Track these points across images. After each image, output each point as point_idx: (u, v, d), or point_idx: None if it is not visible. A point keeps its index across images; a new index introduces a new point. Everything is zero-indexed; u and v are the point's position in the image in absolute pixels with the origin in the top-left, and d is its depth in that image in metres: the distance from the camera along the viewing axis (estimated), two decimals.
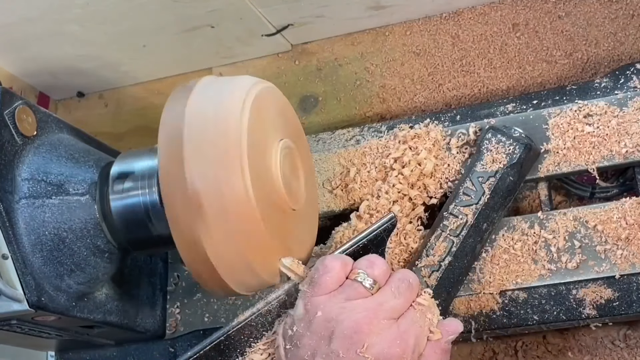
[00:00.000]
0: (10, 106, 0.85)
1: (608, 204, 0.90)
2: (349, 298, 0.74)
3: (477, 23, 1.12)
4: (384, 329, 0.73)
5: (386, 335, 0.73)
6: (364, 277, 0.75)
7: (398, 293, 0.75)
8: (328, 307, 0.74)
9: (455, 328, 0.77)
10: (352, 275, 0.76)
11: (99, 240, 0.87)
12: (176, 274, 1.07)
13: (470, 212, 0.91)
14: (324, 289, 0.75)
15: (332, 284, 0.75)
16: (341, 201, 1.01)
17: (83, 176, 0.87)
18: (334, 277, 0.76)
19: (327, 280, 0.75)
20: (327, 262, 0.77)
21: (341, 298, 0.75)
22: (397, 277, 0.77)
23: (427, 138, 0.97)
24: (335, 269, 0.76)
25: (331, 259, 0.77)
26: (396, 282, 0.76)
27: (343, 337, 0.72)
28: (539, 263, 0.90)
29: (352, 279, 0.76)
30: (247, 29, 1.15)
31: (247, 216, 0.77)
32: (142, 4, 1.06)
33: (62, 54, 1.18)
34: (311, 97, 1.19)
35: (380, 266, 0.77)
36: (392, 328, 0.73)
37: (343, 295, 0.75)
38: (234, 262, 0.79)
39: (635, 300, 0.86)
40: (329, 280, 0.75)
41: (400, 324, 0.74)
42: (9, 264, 0.81)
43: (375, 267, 0.77)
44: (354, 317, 0.73)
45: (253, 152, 0.78)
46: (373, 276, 0.76)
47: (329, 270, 0.76)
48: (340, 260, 0.77)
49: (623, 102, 0.92)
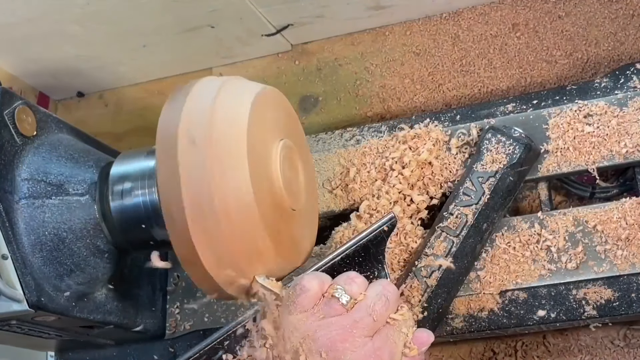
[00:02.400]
0: (10, 106, 0.85)
1: (608, 204, 0.90)
2: (325, 315, 0.75)
3: (477, 23, 1.12)
4: (358, 346, 0.74)
5: (360, 352, 0.73)
6: (341, 293, 0.76)
7: (374, 310, 0.75)
8: (305, 326, 0.74)
9: (426, 339, 0.78)
10: (330, 290, 0.76)
11: (99, 240, 0.87)
12: (176, 274, 1.07)
13: (470, 212, 0.90)
14: (300, 308, 0.75)
15: (308, 304, 0.75)
16: (341, 201, 1.01)
17: (83, 176, 0.87)
18: (311, 297, 0.76)
19: (303, 300, 0.75)
20: (304, 282, 0.76)
21: (317, 316, 0.75)
22: (375, 293, 0.76)
23: (427, 138, 0.97)
24: (312, 288, 0.76)
25: (309, 278, 0.77)
26: (373, 299, 0.76)
27: (318, 355, 0.73)
28: (539, 263, 0.90)
29: (329, 295, 0.76)
30: (247, 29, 1.15)
31: (247, 216, 0.77)
32: (142, 4, 1.06)
33: (62, 54, 1.18)
34: (311, 97, 1.19)
35: (358, 283, 0.77)
36: (366, 345, 0.74)
37: (319, 314, 0.75)
38: (233, 264, 0.79)
39: (635, 300, 0.86)
40: (306, 299, 0.75)
41: (375, 341, 0.75)
42: (8, 264, 0.81)
43: (353, 283, 0.77)
44: (329, 335, 0.73)
45: (253, 152, 0.78)
46: (350, 292, 0.76)
47: (306, 290, 0.76)
48: (317, 279, 0.77)
49: (623, 102, 0.92)
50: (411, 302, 0.89)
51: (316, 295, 0.76)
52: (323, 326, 0.74)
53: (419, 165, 0.96)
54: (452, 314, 0.92)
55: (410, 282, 0.90)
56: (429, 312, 0.89)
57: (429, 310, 0.89)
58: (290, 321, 0.75)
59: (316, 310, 0.75)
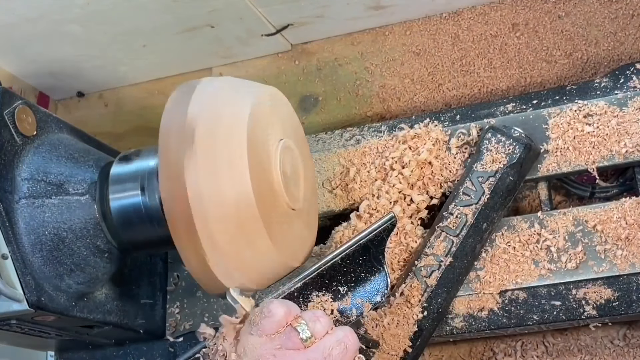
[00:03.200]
0: (10, 106, 0.85)
1: (608, 204, 0.90)
2: (282, 346, 0.74)
3: (477, 23, 1.12)
4: None
5: None
6: (304, 329, 0.74)
7: (330, 354, 0.74)
8: (260, 350, 0.74)
9: None
10: (294, 322, 0.75)
11: (99, 240, 0.87)
12: (176, 274, 1.07)
13: (470, 212, 0.91)
14: (262, 331, 0.75)
15: (269, 329, 0.75)
16: (341, 201, 1.01)
17: (83, 176, 0.87)
18: (274, 323, 0.75)
19: (266, 324, 0.75)
20: (272, 307, 0.75)
21: (275, 344, 0.74)
22: (335, 338, 0.75)
23: (427, 138, 0.97)
24: (277, 315, 0.75)
25: (277, 304, 0.76)
26: (332, 343, 0.75)
27: None
28: (539, 263, 0.90)
29: (291, 326, 0.75)
30: (247, 29, 1.15)
31: (247, 216, 0.77)
32: (142, 4, 1.06)
33: (62, 54, 1.18)
34: (311, 97, 1.19)
35: (322, 323, 0.76)
36: None
37: (277, 342, 0.74)
38: (234, 263, 0.79)
39: (635, 300, 0.86)
40: (268, 324, 0.75)
41: None
42: (8, 264, 0.81)
43: (317, 322, 0.75)
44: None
45: (253, 152, 0.78)
46: (312, 330, 0.75)
47: (271, 315, 0.75)
48: (285, 307, 0.76)
49: (623, 102, 0.92)
50: (411, 302, 0.89)
51: (279, 323, 0.75)
52: (278, 356, 0.73)
53: (418, 165, 0.96)
54: (452, 314, 0.92)
55: (410, 282, 0.90)
56: (428, 312, 0.89)
57: (429, 310, 0.89)
58: (249, 341, 0.75)
59: (275, 338, 0.74)
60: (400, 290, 0.90)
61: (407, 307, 0.89)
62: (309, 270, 0.82)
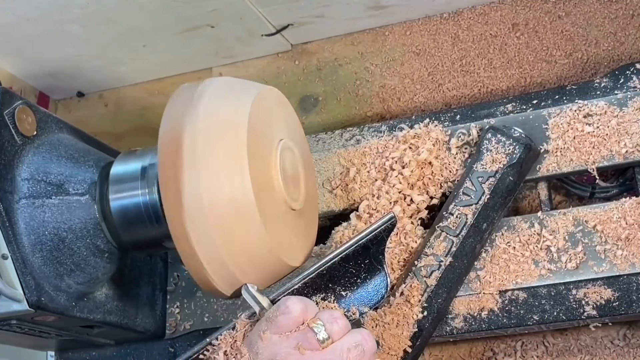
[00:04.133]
0: (10, 106, 0.85)
1: (608, 204, 0.90)
2: (299, 346, 0.73)
3: (477, 23, 1.12)
4: None
5: None
6: (320, 329, 0.74)
7: (347, 357, 0.73)
8: (276, 348, 0.73)
9: None
10: (311, 322, 0.75)
11: (99, 240, 0.87)
12: (176, 273, 1.07)
13: (470, 212, 0.91)
14: (278, 329, 0.74)
15: (287, 326, 0.74)
16: (341, 201, 1.01)
17: (83, 176, 0.87)
18: (292, 320, 0.74)
19: (282, 321, 0.74)
20: (289, 303, 0.75)
21: (292, 343, 0.73)
22: (354, 340, 0.74)
23: (427, 138, 0.97)
24: (295, 312, 0.74)
25: (294, 300, 0.76)
26: (350, 344, 0.74)
27: None
28: (539, 263, 0.90)
29: (309, 327, 0.74)
30: (247, 29, 1.15)
31: (247, 216, 0.77)
32: (142, 4, 1.06)
33: (62, 54, 1.18)
34: (311, 97, 1.19)
35: (340, 324, 0.75)
36: None
37: (294, 341, 0.73)
38: (234, 263, 0.79)
39: (635, 300, 0.86)
40: (286, 321, 0.74)
41: None
42: (8, 264, 0.81)
43: (335, 323, 0.75)
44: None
45: (253, 152, 0.78)
46: (329, 331, 0.74)
47: (288, 312, 0.74)
48: (302, 304, 0.76)
49: (623, 102, 0.92)
50: (411, 302, 0.89)
51: (296, 320, 0.74)
52: (294, 356, 0.72)
53: (419, 165, 0.96)
54: (452, 314, 0.92)
55: (410, 282, 0.90)
56: (428, 312, 0.89)
57: (429, 310, 0.89)
58: (265, 339, 0.74)
59: (291, 337, 0.74)
60: (400, 290, 0.90)
61: (407, 307, 0.89)
62: (309, 271, 0.81)
